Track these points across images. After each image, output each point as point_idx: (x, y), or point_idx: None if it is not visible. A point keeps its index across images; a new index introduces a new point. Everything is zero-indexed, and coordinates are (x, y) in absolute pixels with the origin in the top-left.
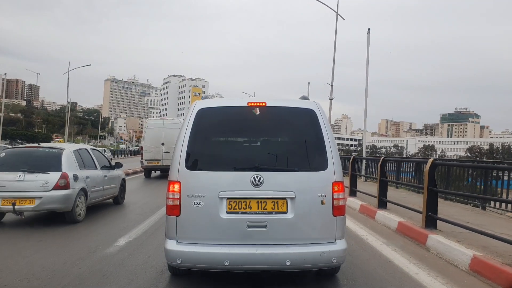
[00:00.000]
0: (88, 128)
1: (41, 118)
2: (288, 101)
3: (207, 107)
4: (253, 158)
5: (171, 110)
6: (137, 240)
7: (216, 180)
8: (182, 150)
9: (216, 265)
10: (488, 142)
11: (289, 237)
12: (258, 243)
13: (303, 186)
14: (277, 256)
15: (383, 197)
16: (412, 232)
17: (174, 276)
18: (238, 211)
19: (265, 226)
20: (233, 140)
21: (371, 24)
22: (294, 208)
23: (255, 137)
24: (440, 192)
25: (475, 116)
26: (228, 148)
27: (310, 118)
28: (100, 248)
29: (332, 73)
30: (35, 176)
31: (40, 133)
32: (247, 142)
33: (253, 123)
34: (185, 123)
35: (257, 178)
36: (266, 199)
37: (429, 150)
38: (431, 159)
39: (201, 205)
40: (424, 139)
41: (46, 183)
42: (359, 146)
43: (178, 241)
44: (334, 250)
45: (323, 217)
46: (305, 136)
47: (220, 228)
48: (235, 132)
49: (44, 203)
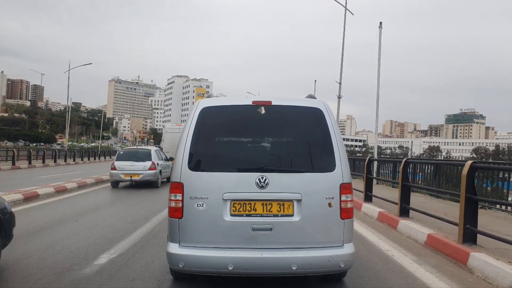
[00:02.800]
0: (92, 129)
1: (45, 118)
2: (294, 100)
3: (211, 106)
4: (258, 159)
5: (175, 110)
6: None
7: (220, 182)
8: (184, 150)
9: (220, 269)
10: (494, 143)
11: (296, 241)
12: (263, 246)
13: (310, 187)
14: (283, 261)
15: (405, 204)
16: (448, 248)
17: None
18: (243, 214)
19: (271, 229)
20: (238, 140)
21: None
22: (300, 210)
23: (260, 137)
24: (481, 201)
25: (480, 117)
26: (232, 148)
27: (317, 117)
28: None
29: (340, 70)
30: (139, 163)
31: (44, 134)
32: (252, 142)
33: (258, 123)
34: (188, 123)
35: (262, 179)
36: (272, 201)
37: (434, 151)
38: (469, 161)
39: (204, 207)
40: (429, 140)
41: (145, 166)
42: (364, 147)
43: (181, 244)
44: (341, 254)
45: (330, 220)
46: (312, 136)
47: (224, 231)
48: (240, 131)
49: (144, 176)
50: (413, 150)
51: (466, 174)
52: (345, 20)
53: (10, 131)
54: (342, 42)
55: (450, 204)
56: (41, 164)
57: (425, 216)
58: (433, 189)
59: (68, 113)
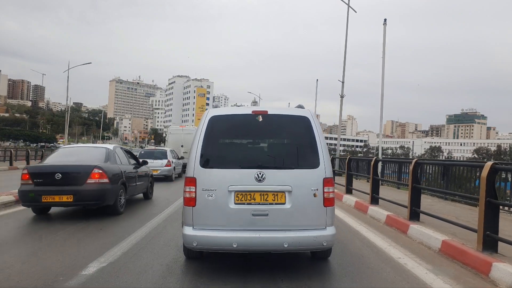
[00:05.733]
0: (92, 129)
1: (46, 118)
2: (286, 109)
3: (218, 114)
4: (257, 158)
5: (176, 111)
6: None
7: (225, 177)
8: (197, 151)
9: (226, 247)
10: (495, 143)
11: (287, 224)
12: (261, 228)
13: (298, 181)
14: (277, 240)
15: (415, 207)
16: (466, 256)
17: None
18: (244, 202)
19: (267, 214)
20: (240, 142)
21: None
22: (291, 200)
23: (258, 140)
24: (502, 205)
25: (481, 117)
26: (236, 149)
27: (304, 124)
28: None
29: (343, 69)
30: (157, 161)
31: (44, 134)
32: (252, 144)
33: (256, 128)
34: (199, 128)
35: (260, 174)
36: (268, 192)
37: (436, 151)
38: (489, 162)
39: (213, 197)
40: (431, 140)
41: (162, 164)
42: (365, 147)
43: (194, 227)
44: (324, 235)
45: (315, 207)
46: (301, 139)
47: (229, 216)
48: (242, 135)
49: (162, 172)
50: (414, 150)
51: (486, 176)
52: (348, 17)
53: (11, 131)
54: (345, 40)
55: (460, 206)
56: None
57: (436, 220)
58: (449, 192)
59: (67, 112)
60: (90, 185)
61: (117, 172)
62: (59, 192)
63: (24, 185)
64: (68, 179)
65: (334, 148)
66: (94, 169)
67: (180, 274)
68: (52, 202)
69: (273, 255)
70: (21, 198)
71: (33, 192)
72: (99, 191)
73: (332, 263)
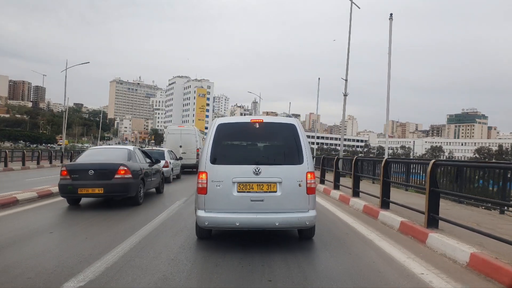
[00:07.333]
0: (93, 129)
1: (46, 119)
2: (278, 118)
3: (224, 122)
4: (254, 156)
5: (176, 111)
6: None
7: (230, 171)
8: (207, 151)
9: (231, 225)
10: (496, 143)
11: (278, 208)
12: (257, 211)
13: (287, 174)
14: (270, 220)
15: (433, 213)
16: (502, 274)
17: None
18: (245, 191)
19: (262, 200)
20: (241, 144)
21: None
22: (281, 189)
23: (255, 142)
24: None
25: (482, 117)
26: (238, 149)
27: (292, 130)
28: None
29: (346, 67)
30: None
31: (44, 134)
32: (250, 145)
33: (254, 133)
34: (209, 133)
35: (257, 169)
36: (263, 183)
37: (437, 151)
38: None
39: (221, 187)
40: (431, 140)
41: (159, 165)
42: (365, 147)
43: (206, 210)
44: (307, 216)
45: (300, 195)
46: (289, 142)
47: (233, 202)
48: (242, 139)
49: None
50: (415, 150)
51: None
52: (351, 13)
53: (12, 132)
54: (348, 37)
55: (477, 211)
56: (35, 165)
57: (455, 227)
58: (476, 198)
59: (65, 112)
60: (117, 180)
61: (138, 169)
62: (92, 186)
63: (63, 179)
64: (99, 174)
65: (335, 148)
66: (120, 166)
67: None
68: (86, 193)
69: (269, 234)
70: (61, 190)
71: (71, 185)
72: (124, 185)
73: (344, 279)
